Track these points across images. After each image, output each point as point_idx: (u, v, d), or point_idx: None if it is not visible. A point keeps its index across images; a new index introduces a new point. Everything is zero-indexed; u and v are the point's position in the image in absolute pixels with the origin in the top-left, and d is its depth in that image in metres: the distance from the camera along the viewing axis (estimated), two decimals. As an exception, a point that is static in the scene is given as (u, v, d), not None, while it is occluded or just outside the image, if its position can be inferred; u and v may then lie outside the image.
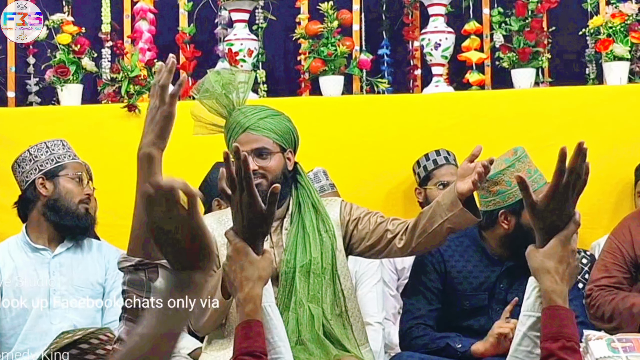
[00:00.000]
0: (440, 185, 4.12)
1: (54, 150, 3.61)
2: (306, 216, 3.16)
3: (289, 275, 3.10)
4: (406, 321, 3.44)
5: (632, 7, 4.48)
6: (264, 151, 3.13)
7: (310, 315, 3.07)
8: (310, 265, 3.10)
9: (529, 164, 3.40)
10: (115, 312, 3.50)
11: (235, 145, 2.27)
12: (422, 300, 3.43)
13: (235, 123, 3.15)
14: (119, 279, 3.52)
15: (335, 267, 3.15)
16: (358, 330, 3.22)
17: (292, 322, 3.06)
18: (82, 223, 3.60)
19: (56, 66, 4.63)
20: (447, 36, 4.66)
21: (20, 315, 3.44)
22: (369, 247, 3.19)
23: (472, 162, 3.08)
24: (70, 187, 3.60)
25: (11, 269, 3.46)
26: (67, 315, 3.45)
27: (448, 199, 3.08)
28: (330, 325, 3.10)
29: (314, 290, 3.09)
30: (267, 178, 3.10)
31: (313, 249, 3.12)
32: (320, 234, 3.15)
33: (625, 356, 2.96)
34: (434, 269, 3.45)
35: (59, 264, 3.51)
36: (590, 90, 4.55)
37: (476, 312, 3.43)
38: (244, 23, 4.73)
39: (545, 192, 2.13)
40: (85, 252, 3.59)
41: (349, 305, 3.18)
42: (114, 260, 3.58)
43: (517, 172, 3.35)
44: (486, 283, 3.43)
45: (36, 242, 3.52)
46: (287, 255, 3.11)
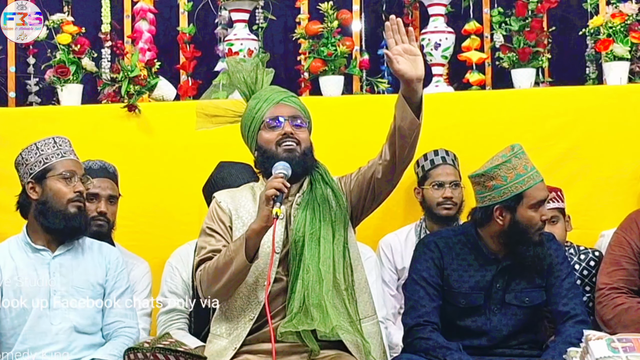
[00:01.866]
0: (435, 186, 4.12)
1: (42, 150, 3.50)
2: (317, 190, 3.27)
3: (298, 243, 3.18)
4: (412, 318, 3.43)
5: (632, 7, 4.48)
6: (299, 119, 3.30)
7: (319, 279, 3.13)
8: (320, 231, 3.18)
9: (526, 161, 3.41)
10: (115, 313, 3.50)
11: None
12: (425, 297, 3.43)
13: (266, 97, 3.31)
14: (120, 279, 3.55)
15: (346, 239, 3.24)
16: (364, 303, 3.27)
17: (298, 290, 3.13)
18: (73, 223, 3.47)
19: (56, 66, 4.63)
20: (447, 36, 4.66)
21: (21, 316, 3.41)
22: (366, 197, 3.27)
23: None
24: (58, 186, 3.47)
25: (11, 269, 3.44)
26: (67, 316, 3.43)
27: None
28: (338, 294, 3.16)
29: (324, 256, 3.16)
30: (300, 145, 3.26)
31: (323, 218, 3.21)
32: (330, 206, 3.24)
33: (625, 356, 2.96)
34: (434, 264, 3.45)
35: (59, 265, 3.46)
36: (590, 90, 4.55)
37: (473, 312, 3.44)
38: (244, 23, 4.73)
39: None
40: (86, 252, 3.54)
41: (355, 278, 3.24)
42: (114, 260, 3.57)
43: (513, 168, 3.37)
44: (481, 282, 3.43)
45: (36, 243, 3.48)
46: (296, 224, 3.20)
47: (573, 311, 3.41)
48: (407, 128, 3.11)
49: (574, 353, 3.16)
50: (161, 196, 4.43)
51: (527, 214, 3.38)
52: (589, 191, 4.28)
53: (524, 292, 3.44)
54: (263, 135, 3.28)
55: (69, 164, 3.51)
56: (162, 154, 4.49)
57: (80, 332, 3.44)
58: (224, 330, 3.25)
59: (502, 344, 3.44)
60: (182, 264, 3.98)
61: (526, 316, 3.45)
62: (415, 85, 3.08)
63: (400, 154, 3.17)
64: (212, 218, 3.30)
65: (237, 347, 3.21)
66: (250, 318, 3.21)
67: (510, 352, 3.43)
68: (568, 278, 3.47)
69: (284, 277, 3.20)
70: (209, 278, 3.19)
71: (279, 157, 3.22)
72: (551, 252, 3.48)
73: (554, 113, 4.41)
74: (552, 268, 3.46)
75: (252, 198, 3.31)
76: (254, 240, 3.11)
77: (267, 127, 3.28)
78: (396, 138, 3.14)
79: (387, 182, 3.26)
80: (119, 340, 3.47)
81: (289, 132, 3.25)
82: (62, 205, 3.46)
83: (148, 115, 4.54)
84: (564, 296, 3.43)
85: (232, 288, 3.20)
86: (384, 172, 3.22)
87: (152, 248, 4.31)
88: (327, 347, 3.21)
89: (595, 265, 4.01)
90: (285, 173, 3.15)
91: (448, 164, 4.17)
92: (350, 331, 3.16)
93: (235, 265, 3.12)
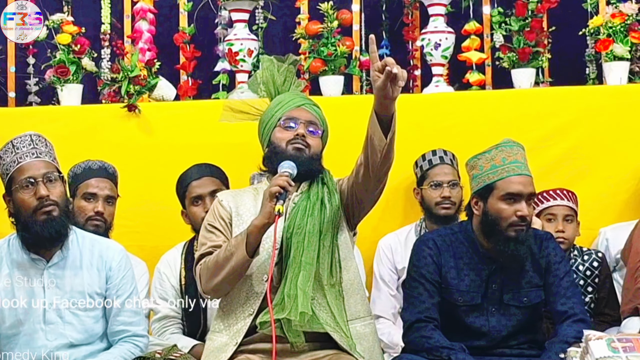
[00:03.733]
0: (433, 185, 4.12)
1: (4, 162, 3.30)
2: (313, 189, 3.31)
3: (289, 240, 3.23)
4: (412, 314, 3.43)
5: (632, 7, 4.48)
6: (314, 126, 3.35)
7: (300, 272, 3.17)
8: (307, 225, 3.23)
9: (508, 154, 3.40)
10: (120, 322, 3.41)
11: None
12: (425, 293, 3.42)
13: (290, 99, 3.38)
14: (123, 284, 3.41)
15: (335, 237, 3.27)
16: (356, 303, 3.29)
17: (283, 282, 3.18)
18: (45, 232, 3.24)
19: (56, 66, 4.63)
20: (447, 36, 4.66)
21: (15, 327, 3.32)
22: (353, 200, 3.29)
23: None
24: (22, 197, 3.25)
25: (5, 276, 3.32)
26: (63, 332, 3.32)
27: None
28: (319, 289, 3.20)
29: (308, 248, 3.20)
30: (309, 148, 3.31)
31: (312, 213, 3.25)
32: (322, 203, 3.28)
33: (625, 356, 2.96)
34: (432, 260, 3.45)
35: (53, 276, 3.32)
36: (590, 90, 4.55)
37: (471, 311, 3.43)
38: (244, 23, 4.73)
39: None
40: (85, 258, 3.38)
41: (344, 277, 3.26)
42: (117, 265, 3.42)
43: (491, 159, 3.39)
44: (477, 281, 3.43)
45: (29, 251, 3.32)
46: (288, 221, 3.24)
47: (571, 310, 3.40)
48: (376, 145, 3.11)
49: (574, 353, 3.16)
50: (161, 196, 4.43)
51: (497, 205, 3.37)
52: (588, 191, 4.28)
53: (522, 292, 3.44)
54: (276, 134, 3.33)
55: (29, 169, 3.26)
56: (162, 154, 4.49)
57: (77, 346, 3.36)
58: (223, 326, 3.27)
59: (502, 344, 3.43)
60: (169, 269, 3.99)
61: (525, 316, 3.45)
62: (388, 102, 3.04)
63: (373, 165, 3.16)
64: (214, 215, 3.34)
65: (238, 342, 3.22)
66: (249, 313, 3.23)
67: (510, 352, 3.42)
68: (566, 277, 3.46)
69: (279, 274, 3.23)
70: (208, 272, 3.22)
71: (286, 155, 3.27)
72: (549, 251, 3.47)
73: (554, 113, 4.41)
74: (550, 267, 3.45)
75: (253, 198, 3.34)
76: (255, 235, 3.14)
77: (282, 126, 3.33)
78: (368, 152, 3.15)
79: (365, 189, 3.25)
80: (125, 346, 3.39)
81: (302, 134, 3.30)
82: (30, 217, 3.25)
83: (148, 115, 4.54)
84: (562, 295, 3.43)
85: (230, 283, 3.22)
86: (361, 180, 3.22)
87: (152, 248, 4.31)
88: (326, 347, 3.21)
89: (598, 266, 4.01)
90: (290, 172, 3.19)
91: (446, 163, 4.17)
92: (333, 328, 3.17)
93: (236, 260, 3.15)
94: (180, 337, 3.89)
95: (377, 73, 2.99)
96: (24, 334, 3.34)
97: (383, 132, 3.07)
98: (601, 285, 4.01)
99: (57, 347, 3.33)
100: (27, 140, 3.33)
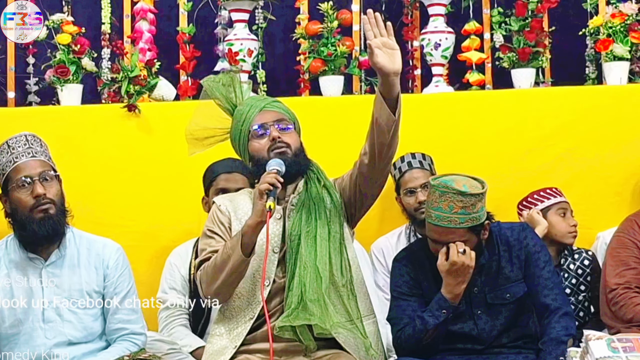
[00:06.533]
0: (408, 193, 4.10)
1: (13, 149, 3.33)
2: (312, 190, 3.31)
3: (294, 242, 3.22)
4: (394, 333, 3.43)
5: (632, 7, 4.48)
6: (284, 122, 3.33)
7: (317, 277, 3.16)
8: (316, 230, 3.23)
9: (437, 197, 3.29)
10: (118, 320, 3.42)
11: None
12: (408, 308, 3.41)
13: (249, 107, 3.35)
14: (120, 282, 3.44)
15: (343, 236, 3.28)
16: (362, 301, 3.30)
17: (295, 286, 3.16)
18: (43, 231, 3.28)
19: (56, 66, 4.62)
20: (447, 36, 4.66)
21: (15, 326, 3.34)
22: (355, 195, 3.30)
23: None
24: (18, 196, 3.29)
25: (3, 276, 3.34)
26: (62, 329, 3.34)
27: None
28: (335, 292, 3.20)
29: (321, 253, 3.20)
30: (291, 148, 3.29)
31: (318, 216, 3.25)
32: (325, 204, 3.29)
33: (625, 356, 2.96)
34: (410, 277, 3.45)
35: (52, 274, 3.35)
36: (590, 90, 4.55)
37: (457, 318, 3.40)
38: (244, 23, 4.73)
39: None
40: (82, 256, 3.41)
41: (354, 276, 3.27)
42: (114, 263, 3.44)
43: (428, 194, 3.35)
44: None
45: (27, 249, 3.35)
46: (291, 224, 3.24)
47: (555, 303, 3.38)
48: (384, 124, 3.13)
49: (574, 353, 3.16)
50: (161, 196, 4.43)
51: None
52: (588, 191, 4.28)
53: (504, 289, 3.42)
54: (253, 145, 3.31)
55: (24, 169, 3.30)
56: (162, 154, 4.48)
57: (76, 344, 3.37)
58: (223, 330, 3.27)
59: (496, 344, 3.42)
60: (180, 261, 4.02)
61: (512, 312, 3.42)
62: (392, 79, 3.10)
63: (379, 152, 3.19)
64: (213, 221, 3.35)
65: (237, 346, 3.22)
66: (250, 317, 3.23)
67: (507, 351, 3.41)
68: (547, 266, 3.44)
69: (282, 277, 3.23)
70: (208, 277, 3.22)
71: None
72: (527, 241, 3.46)
73: (554, 113, 4.41)
74: (530, 257, 3.44)
75: (249, 201, 3.34)
76: (249, 235, 3.15)
77: (255, 136, 3.31)
78: (375, 136, 3.17)
79: (369, 180, 3.27)
80: (123, 345, 3.41)
81: (277, 136, 3.28)
82: (27, 215, 3.29)
83: (148, 115, 4.54)
84: (544, 287, 3.40)
85: (231, 286, 3.22)
86: (365, 170, 3.25)
87: (152, 248, 4.31)
88: (326, 347, 3.22)
89: (589, 264, 4.02)
90: (278, 169, 3.19)
91: (414, 167, 4.12)
92: (349, 329, 3.18)
93: (233, 261, 3.16)
94: (186, 333, 3.89)
95: (374, 49, 3.09)
96: (24, 333, 3.35)
97: (391, 111, 3.10)
98: (594, 284, 4.00)
99: (56, 345, 3.35)
100: (23, 140, 3.37)
